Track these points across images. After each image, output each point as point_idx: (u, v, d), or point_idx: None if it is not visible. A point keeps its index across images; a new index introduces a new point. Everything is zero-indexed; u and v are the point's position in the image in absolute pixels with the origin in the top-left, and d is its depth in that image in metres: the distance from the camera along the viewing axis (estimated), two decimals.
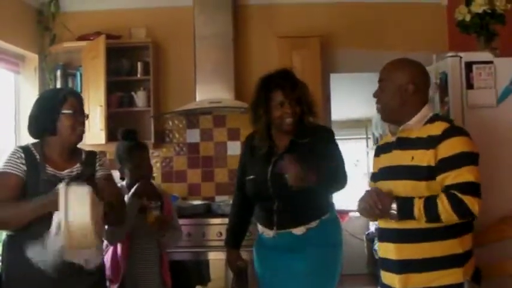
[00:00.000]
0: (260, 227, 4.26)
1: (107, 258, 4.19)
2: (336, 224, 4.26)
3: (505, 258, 4.12)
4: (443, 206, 3.16)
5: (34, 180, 3.50)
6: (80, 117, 3.68)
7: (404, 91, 3.49)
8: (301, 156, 3.85)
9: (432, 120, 3.45)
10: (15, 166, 3.53)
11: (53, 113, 3.61)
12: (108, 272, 4.14)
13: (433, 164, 3.28)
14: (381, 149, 3.75)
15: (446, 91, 4.46)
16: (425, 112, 3.49)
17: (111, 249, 4.23)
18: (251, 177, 4.18)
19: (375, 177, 3.69)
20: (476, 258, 3.45)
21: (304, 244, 4.00)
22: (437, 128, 3.35)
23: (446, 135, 3.30)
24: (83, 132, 3.74)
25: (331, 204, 4.28)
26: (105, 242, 4.14)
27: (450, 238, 3.30)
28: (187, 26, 7.01)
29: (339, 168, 3.99)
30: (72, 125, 3.62)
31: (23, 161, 3.54)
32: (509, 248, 4.15)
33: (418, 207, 3.21)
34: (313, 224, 4.02)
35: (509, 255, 4.12)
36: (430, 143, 3.31)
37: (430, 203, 3.20)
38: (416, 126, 3.43)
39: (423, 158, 3.31)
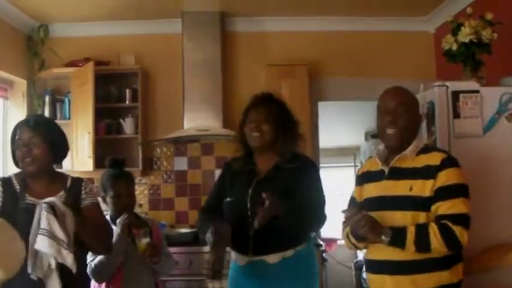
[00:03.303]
0: (233, 254, 4.14)
1: None
2: (311, 256, 4.14)
3: (492, 286, 4.11)
4: (435, 236, 3.17)
5: (12, 210, 3.46)
6: (23, 147, 3.58)
7: (417, 120, 3.59)
8: (282, 181, 3.90)
9: (425, 150, 3.49)
10: None
11: (12, 146, 3.66)
12: None
13: (433, 194, 3.31)
14: (365, 178, 3.73)
15: (433, 120, 4.47)
16: (418, 142, 3.53)
17: (103, 285, 4.09)
18: (229, 199, 4.09)
19: (363, 207, 3.59)
20: (465, 287, 3.46)
21: (277, 275, 3.90)
22: (435, 158, 3.38)
23: (445, 165, 3.34)
24: (30, 162, 3.58)
25: (309, 236, 4.17)
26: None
27: (445, 269, 3.32)
28: (176, 53, 7.04)
29: (316, 208, 3.91)
30: (19, 157, 3.61)
31: (0, 195, 3.54)
32: (496, 277, 4.13)
33: (411, 235, 3.21)
34: (289, 253, 3.91)
35: (496, 284, 4.11)
36: (429, 173, 3.34)
37: (422, 233, 3.20)
38: (411, 156, 3.44)
39: (423, 188, 3.32)
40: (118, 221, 4.05)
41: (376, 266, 3.50)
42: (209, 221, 3.96)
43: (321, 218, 3.95)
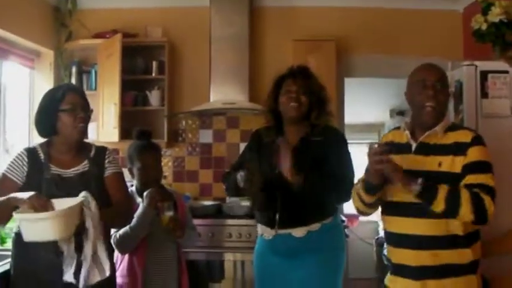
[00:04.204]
0: (260, 227, 4.22)
1: (123, 264, 4.11)
2: (338, 230, 4.20)
3: None
4: (466, 201, 3.16)
5: (37, 181, 3.49)
6: (80, 113, 3.59)
7: (449, 96, 3.55)
8: (310, 153, 3.94)
9: (453, 128, 3.48)
10: (15, 171, 3.54)
11: (52, 112, 3.57)
12: (124, 279, 4.08)
13: (462, 169, 3.31)
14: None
15: (460, 99, 4.46)
16: (447, 120, 3.52)
17: (126, 256, 4.14)
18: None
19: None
20: (485, 270, 3.47)
21: (303, 249, 3.96)
22: (465, 136, 3.38)
23: (475, 142, 3.34)
24: (84, 128, 3.64)
25: (336, 209, 4.21)
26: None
27: (466, 247, 3.32)
28: (204, 26, 7.03)
29: (344, 178, 3.92)
30: (71, 123, 3.55)
31: (25, 164, 3.55)
32: None
33: (443, 191, 3.20)
34: (315, 226, 3.98)
35: None
36: (459, 149, 3.33)
37: (454, 194, 3.19)
38: (440, 132, 3.43)
39: (453, 164, 3.32)
40: (145, 194, 4.05)
41: (398, 239, 3.50)
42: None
43: (349, 188, 3.89)
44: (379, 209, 3.67)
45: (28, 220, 3.18)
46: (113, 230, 3.99)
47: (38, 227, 3.15)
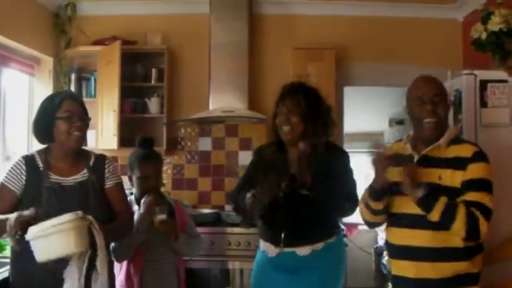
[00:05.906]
0: (264, 244, 4.17)
1: (122, 273, 4.07)
2: (340, 248, 4.19)
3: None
4: (461, 217, 3.17)
5: (36, 189, 3.47)
6: (76, 121, 3.54)
7: (449, 110, 3.57)
8: (314, 171, 3.85)
9: (456, 141, 3.48)
10: (13, 180, 3.52)
11: (49, 119, 3.53)
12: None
13: (462, 185, 3.31)
14: (394, 161, 3.65)
15: (460, 109, 4.45)
16: (450, 132, 3.51)
17: (124, 264, 4.10)
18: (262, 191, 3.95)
19: (391, 190, 3.56)
20: (485, 278, 3.45)
21: (306, 266, 3.94)
22: (467, 150, 3.38)
23: (476, 158, 3.34)
24: (80, 137, 3.59)
25: (339, 228, 4.23)
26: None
27: (466, 259, 3.32)
28: (203, 33, 7.03)
29: (347, 191, 3.90)
30: (67, 130, 3.51)
31: (23, 173, 3.53)
32: None
33: (441, 203, 3.22)
34: (319, 245, 3.96)
35: None
36: (459, 164, 3.33)
37: (451, 208, 3.21)
38: (444, 145, 3.43)
39: (453, 179, 3.32)
40: (142, 201, 4.04)
41: (399, 251, 3.51)
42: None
43: (353, 200, 3.92)
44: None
45: (42, 236, 3.12)
46: None
47: (53, 241, 3.11)
